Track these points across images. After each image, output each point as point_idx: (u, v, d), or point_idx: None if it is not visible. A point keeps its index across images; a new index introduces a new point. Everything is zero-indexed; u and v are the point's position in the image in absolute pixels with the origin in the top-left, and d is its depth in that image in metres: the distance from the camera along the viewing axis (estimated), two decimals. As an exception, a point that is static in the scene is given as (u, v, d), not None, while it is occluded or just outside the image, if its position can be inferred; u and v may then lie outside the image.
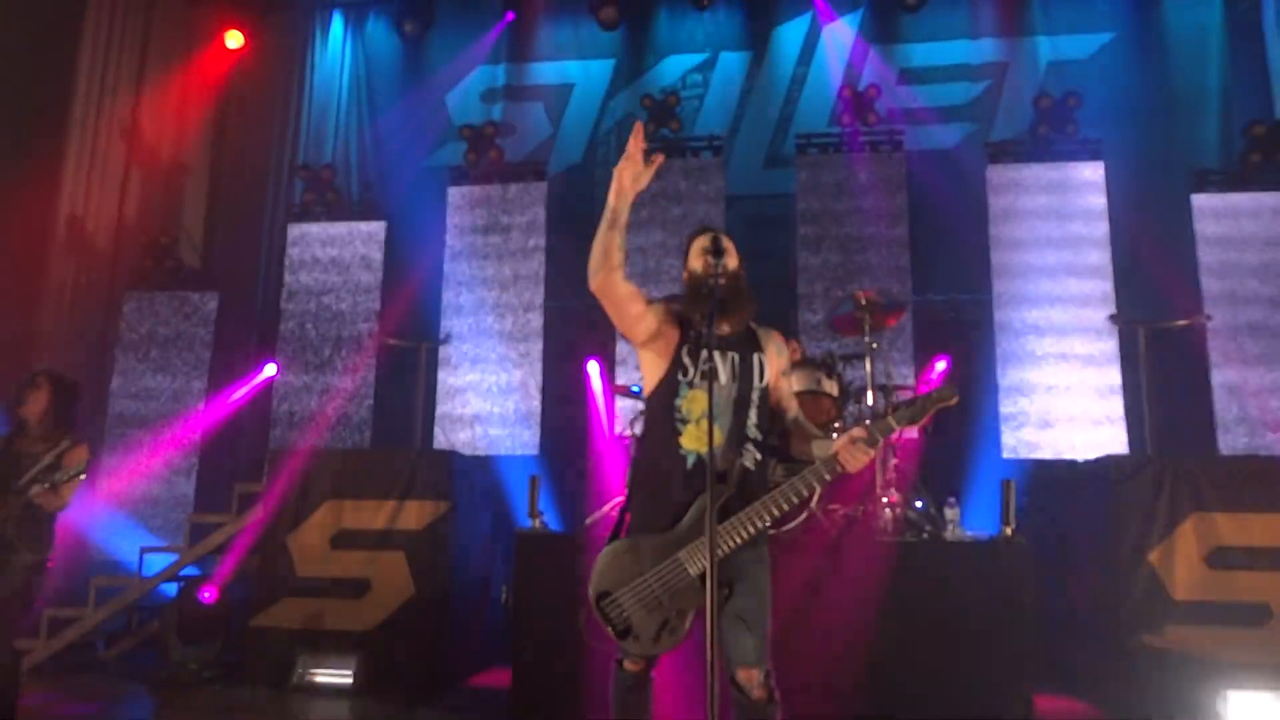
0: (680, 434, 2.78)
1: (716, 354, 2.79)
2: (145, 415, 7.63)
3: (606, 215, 2.73)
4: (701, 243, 2.93)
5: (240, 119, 9.09)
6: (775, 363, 2.94)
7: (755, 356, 2.88)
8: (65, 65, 7.40)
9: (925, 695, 4.18)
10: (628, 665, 2.88)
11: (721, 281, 2.78)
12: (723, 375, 2.81)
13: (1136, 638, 4.62)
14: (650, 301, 2.90)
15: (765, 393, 2.89)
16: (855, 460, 2.67)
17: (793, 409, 3.02)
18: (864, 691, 4.18)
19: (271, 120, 8.96)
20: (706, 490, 2.43)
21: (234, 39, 8.84)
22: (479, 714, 4.81)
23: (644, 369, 2.95)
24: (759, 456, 2.82)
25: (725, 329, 2.88)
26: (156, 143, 8.33)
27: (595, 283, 2.76)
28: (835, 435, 2.81)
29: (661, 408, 2.85)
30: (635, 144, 2.69)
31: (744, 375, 2.84)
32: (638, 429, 5.31)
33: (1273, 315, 6.46)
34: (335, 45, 9.27)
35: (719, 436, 2.75)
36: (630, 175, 2.69)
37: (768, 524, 2.72)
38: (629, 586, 2.74)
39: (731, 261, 2.90)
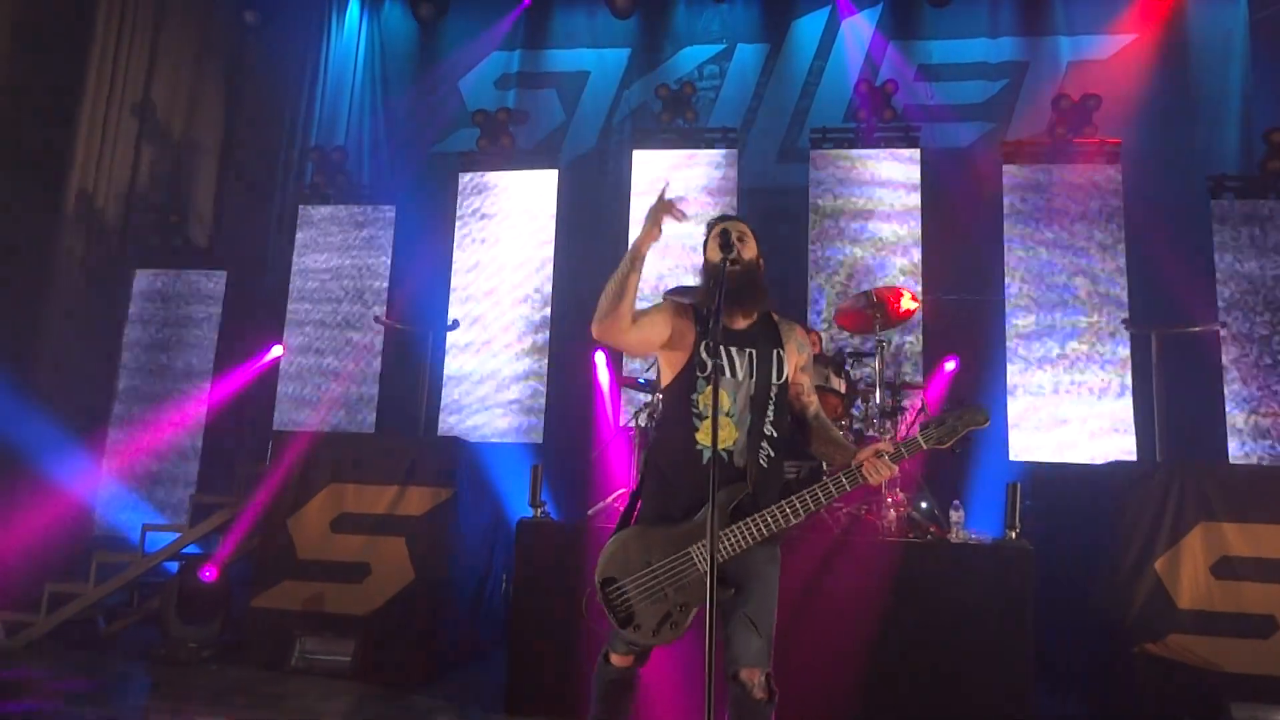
0: (697, 429, 2.74)
1: (734, 349, 2.75)
2: (152, 393, 7.64)
3: (629, 257, 2.70)
4: (717, 230, 2.87)
5: (254, 98, 9.07)
6: (794, 358, 2.88)
7: (774, 352, 2.82)
8: (78, 41, 7.37)
9: (925, 697, 4.15)
10: (614, 660, 2.85)
11: (735, 269, 2.72)
12: (740, 372, 2.76)
13: (1140, 646, 4.58)
14: (655, 308, 2.83)
15: (784, 389, 2.84)
16: (878, 474, 2.65)
17: (813, 405, 2.96)
18: (863, 691, 4.16)
19: (285, 101, 8.94)
20: (713, 487, 2.37)
21: None
22: (476, 701, 4.80)
23: (661, 362, 2.91)
24: (772, 454, 2.78)
25: (741, 323, 2.82)
26: (168, 120, 8.31)
27: (608, 322, 2.68)
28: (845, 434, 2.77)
29: (678, 402, 2.81)
30: (674, 209, 2.73)
31: (762, 372, 2.78)
32: (643, 420, 5.29)
33: (1288, 324, 6.39)
34: (351, 27, 9.25)
35: (737, 434, 2.72)
36: (661, 220, 2.71)
37: (784, 527, 2.67)
38: (636, 576, 2.72)
39: (748, 252, 2.84)
